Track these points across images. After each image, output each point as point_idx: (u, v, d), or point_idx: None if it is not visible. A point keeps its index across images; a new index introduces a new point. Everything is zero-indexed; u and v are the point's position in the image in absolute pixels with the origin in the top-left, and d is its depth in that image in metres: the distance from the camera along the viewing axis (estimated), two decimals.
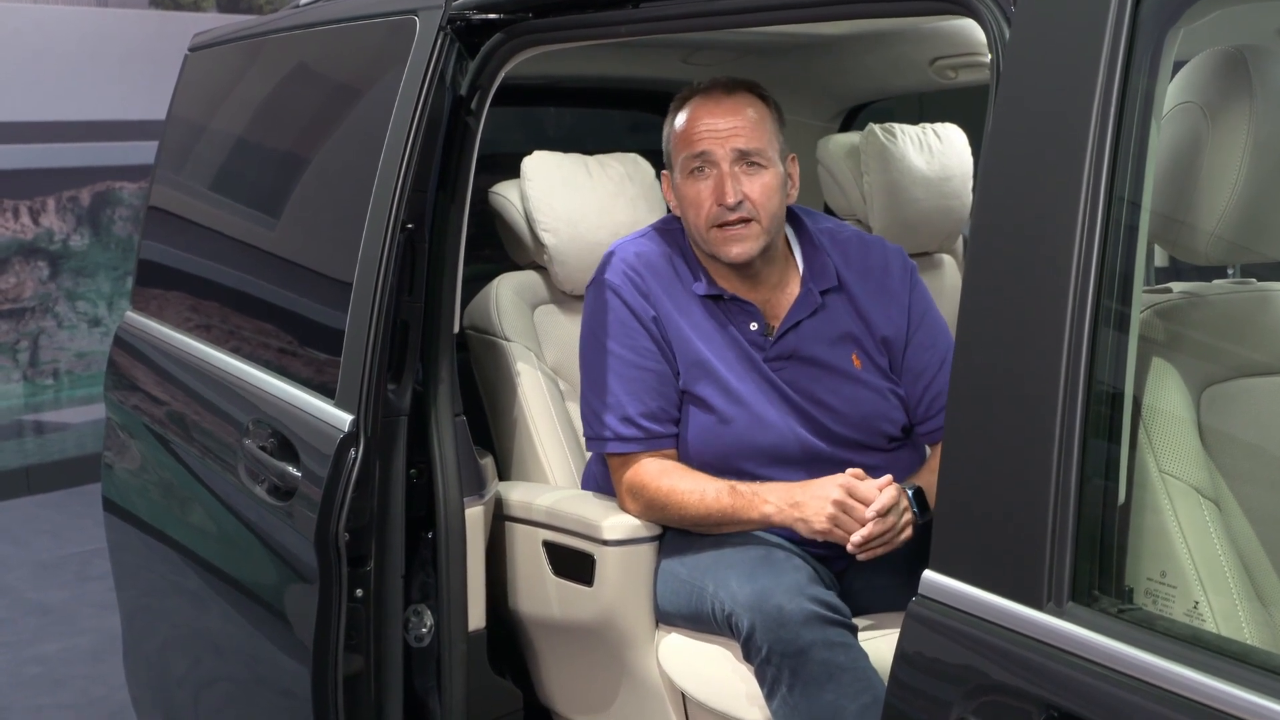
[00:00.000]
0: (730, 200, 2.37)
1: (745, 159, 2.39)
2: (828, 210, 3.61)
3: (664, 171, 2.55)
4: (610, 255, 2.51)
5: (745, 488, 2.33)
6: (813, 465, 2.38)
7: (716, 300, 2.46)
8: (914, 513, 2.25)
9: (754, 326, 2.45)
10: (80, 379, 7.08)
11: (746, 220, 2.39)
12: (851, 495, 2.23)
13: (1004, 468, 1.47)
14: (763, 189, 2.39)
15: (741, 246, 2.39)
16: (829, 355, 2.45)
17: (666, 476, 2.38)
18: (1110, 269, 1.43)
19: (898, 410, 2.46)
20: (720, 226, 2.39)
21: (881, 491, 2.23)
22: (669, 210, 2.59)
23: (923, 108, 4.19)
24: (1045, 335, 1.44)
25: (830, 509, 2.23)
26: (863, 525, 2.21)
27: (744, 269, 2.44)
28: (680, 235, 2.52)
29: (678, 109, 2.48)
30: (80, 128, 6.92)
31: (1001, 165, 1.53)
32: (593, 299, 2.50)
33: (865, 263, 2.52)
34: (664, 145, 2.53)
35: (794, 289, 2.48)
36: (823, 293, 2.47)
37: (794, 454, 2.40)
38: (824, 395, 2.42)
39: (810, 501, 2.25)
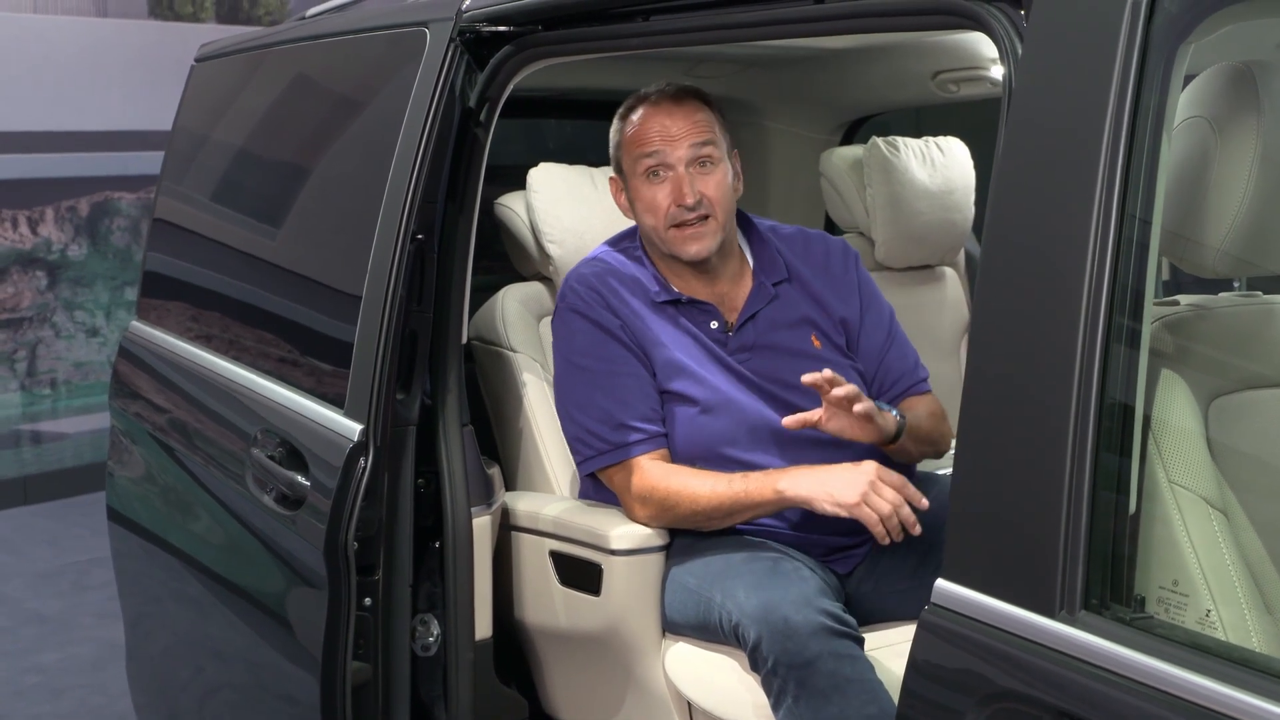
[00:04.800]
0: (689, 200, 2.45)
1: (699, 159, 2.48)
2: (828, 222, 3.63)
3: (611, 176, 2.61)
4: (567, 281, 2.58)
5: (758, 473, 2.37)
6: (793, 446, 2.42)
7: (675, 305, 2.52)
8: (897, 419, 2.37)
9: (714, 325, 2.52)
10: (78, 389, 7.08)
11: (705, 217, 2.47)
12: (881, 478, 2.25)
13: (1017, 478, 1.49)
14: (717, 186, 2.48)
15: (700, 244, 2.48)
16: (789, 339, 2.52)
17: (675, 476, 2.40)
18: (1122, 282, 1.44)
19: (860, 387, 2.50)
20: (679, 226, 2.47)
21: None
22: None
23: (919, 123, 4.21)
24: (1058, 348, 1.45)
25: (864, 486, 2.23)
26: (891, 504, 2.22)
27: (701, 266, 2.52)
28: (632, 248, 2.59)
29: (627, 115, 2.56)
30: (79, 138, 6.93)
31: (1014, 179, 1.54)
32: (559, 326, 2.56)
33: (808, 254, 2.63)
34: (612, 151, 2.60)
35: (748, 282, 2.57)
36: (774, 284, 2.56)
37: (769, 436, 2.44)
38: (789, 377, 2.45)
39: (838, 476, 2.27)
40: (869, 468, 2.26)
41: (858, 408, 2.26)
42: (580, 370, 2.50)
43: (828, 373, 2.26)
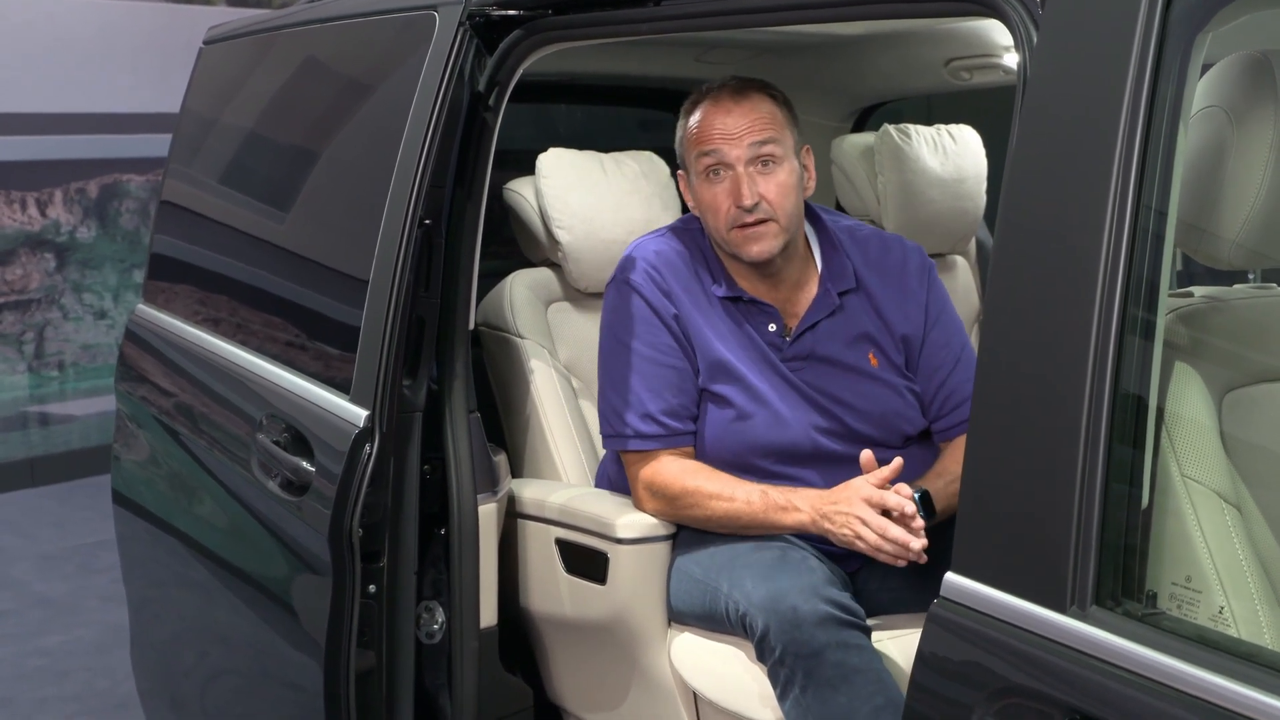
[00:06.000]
0: (747, 202, 2.37)
1: (759, 159, 2.40)
2: (839, 210, 3.61)
3: (680, 171, 2.55)
4: (630, 254, 2.51)
5: (779, 494, 2.32)
6: (827, 463, 2.38)
7: (735, 302, 2.46)
8: (921, 516, 2.24)
9: (772, 328, 2.45)
10: (85, 371, 7.08)
11: (765, 220, 2.39)
12: (867, 500, 2.21)
13: (1028, 470, 1.47)
14: (778, 187, 2.40)
15: (761, 245, 2.40)
16: (846, 355, 2.45)
17: (690, 476, 2.38)
18: (1137, 273, 1.43)
19: (914, 409, 2.46)
20: (740, 227, 2.39)
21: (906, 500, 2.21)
22: (685, 209, 2.59)
23: (931, 110, 4.19)
24: (1071, 339, 1.44)
25: (855, 525, 2.21)
26: (883, 536, 2.19)
27: (764, 267, 2.44)
28: (699, 235, 2.52)
29: (690, 111, 2.48)
30: (89, 119, 6.93)
31: (1028, 168, 1.53)
32: (613, 297, 2.50)
33: (884, 262, 2.53)
34: (677, 147, 2.53)
35: (813, 288, 2.49)
36: (840, 294, 2.47)
37: (808, 452, 2.40)
38: (842, 394, 2.42)
39: (836, 515, 2.24)
40: (862, 509, 2.21)
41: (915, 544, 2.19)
42: (623, 347, 2.46)
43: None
